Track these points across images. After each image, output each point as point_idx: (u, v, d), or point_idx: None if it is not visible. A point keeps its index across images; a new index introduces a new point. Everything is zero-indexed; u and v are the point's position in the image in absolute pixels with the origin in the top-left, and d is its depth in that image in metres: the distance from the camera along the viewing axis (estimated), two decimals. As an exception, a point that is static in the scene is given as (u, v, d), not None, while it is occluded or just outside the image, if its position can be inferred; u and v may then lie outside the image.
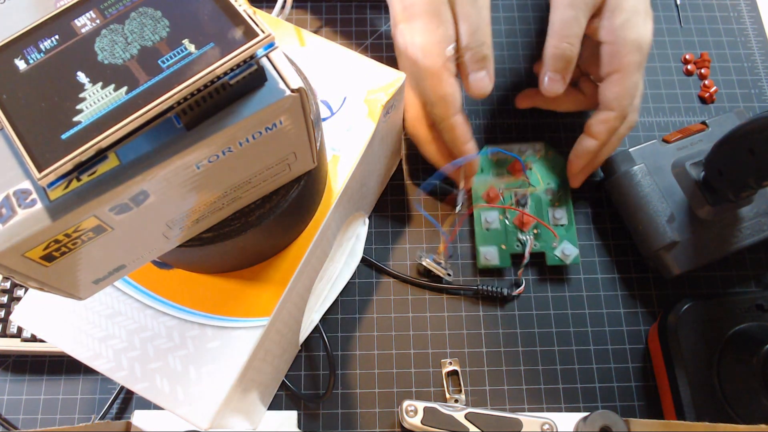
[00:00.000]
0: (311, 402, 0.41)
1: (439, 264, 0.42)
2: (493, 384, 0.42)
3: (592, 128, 0.41)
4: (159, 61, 0.19)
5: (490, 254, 0.43)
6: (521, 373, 0.42)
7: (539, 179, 0.45)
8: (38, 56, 0.19)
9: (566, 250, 0.42)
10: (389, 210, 0.46)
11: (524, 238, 0.43)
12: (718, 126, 0.44)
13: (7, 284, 0.42)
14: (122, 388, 0.41)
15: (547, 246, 0.43)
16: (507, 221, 0.43)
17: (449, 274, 0.43)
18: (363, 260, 0.44)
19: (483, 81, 0.38)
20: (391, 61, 0.39)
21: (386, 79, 0.35)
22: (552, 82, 0.39)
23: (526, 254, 0.42)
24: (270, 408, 0.41)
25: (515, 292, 0.43)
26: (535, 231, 0.43)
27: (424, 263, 0.42)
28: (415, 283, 0.44)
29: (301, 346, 0.42)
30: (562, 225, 0.44)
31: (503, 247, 0.43)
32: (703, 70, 0.50)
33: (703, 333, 0.39)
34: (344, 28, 0.52)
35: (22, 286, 0.38)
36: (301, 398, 0.41)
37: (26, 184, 0.19)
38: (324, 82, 0.35)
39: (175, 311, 0.30)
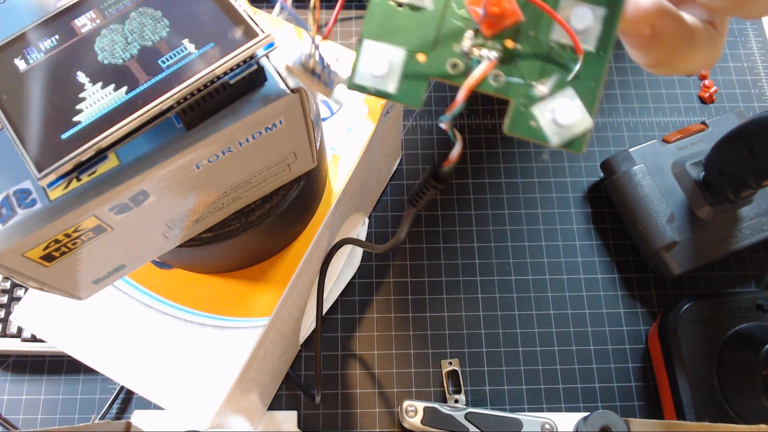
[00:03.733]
0: (309, 396, 0.41)
1: (315, 75, 0.20)
2: (493, 384, 0.42)
3: None
4: (159, 61, 0.19)
5: (378, 62, 0.18)
6: (521, 373, 0.42)
7: None
8: (38, 56, 0.19)
9: (564, 113, 0.17)
10: (389, 210, 0.46)
11: (477, 52, 0.18)
12: (718, 126, 0.44)
13: (7, 284, 0.42)
14: (122, 388, 0.41)
15: (526, 88, 0.18)
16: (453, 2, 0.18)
17: (337, 96, 0.21)
18: (362, 261, 0.44)
19: None
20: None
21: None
22: None
23: (465, 87, 0.17)
24: (270, 408, 0.41)
25: (445, 165, 0.19)
26: (511, 43, 0.18)
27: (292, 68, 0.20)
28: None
29: (301, 346, 0.42)
30: (577, 48, 0.18)
31: (420, 56, 0.18)
32: (703, 70, 0.50)
33: (703, 333, 0.39)
34: (344, 28, 0.52)
35: (22, 286, 0.38)
36: (301, 389, 0.41)
37: (26, 184, 0.19)
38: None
39: (175, 311, 0.30)
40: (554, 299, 0.44)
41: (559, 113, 0.17)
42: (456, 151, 0.18)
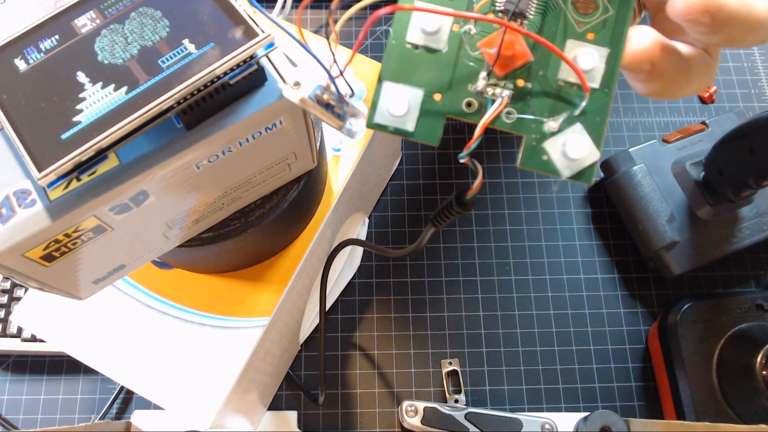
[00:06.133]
0: (311, 398, 0.41)
1: (329, 108, 0.20)
2: (493, 384, 0.42)
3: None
4: (159, 61, 0.19)
5: (397, 102, 0.19)
6: (521, 373, 0.42)
7: None
8: (38, 56, 0.19)
9: (574, 147, 0.19)
10: (389, 210, 0.46)
11: (490, 91, 0.19)
12: (718, 126, 0.44)
13: (7, 284, 0.42)
14: (122, 388, 0.41)
15: (537, 125, 0.19)
16: (466, 42, 0.19)
17: (349, 127, 0.21)
18: (362, 261, 0.44)
19: None
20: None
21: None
22: None
23: (480, 125, 0.19)
24: (270, 408, 0.41)
25: (469, 194, 0.21)
26: (522, 82, 0.19)
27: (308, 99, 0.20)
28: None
29: (301, 346, 0.42)
30: (584, 86, 0.19)
31: (437, 96, 0.19)
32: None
33: (703, 333, 0.39)
34: (344, 28, 0.52)
35: (22, 286, 0.38)
36: (301, 390, 0.41)
37: (26, 184, 0.19)
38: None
39: (175, 311, 0.30)
40: (554, 299, 0.44)
41: (569, 147, 0.19)
42: (478, 181, 0.20)
